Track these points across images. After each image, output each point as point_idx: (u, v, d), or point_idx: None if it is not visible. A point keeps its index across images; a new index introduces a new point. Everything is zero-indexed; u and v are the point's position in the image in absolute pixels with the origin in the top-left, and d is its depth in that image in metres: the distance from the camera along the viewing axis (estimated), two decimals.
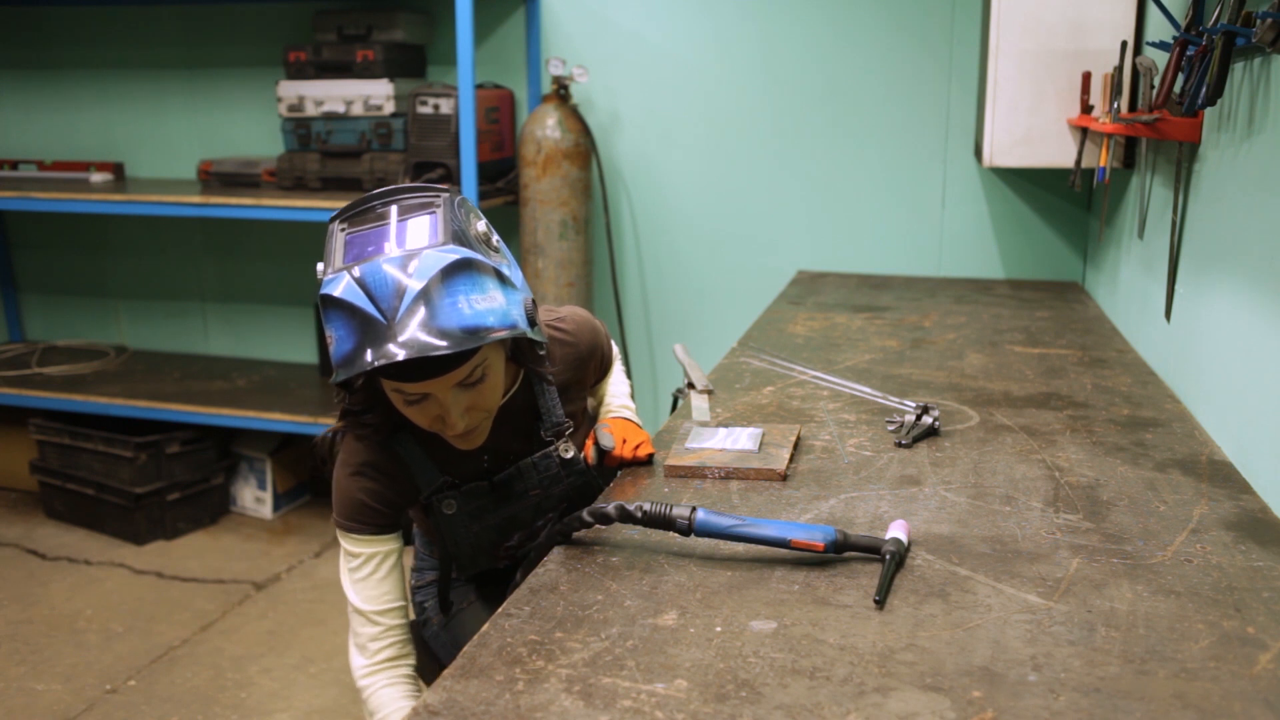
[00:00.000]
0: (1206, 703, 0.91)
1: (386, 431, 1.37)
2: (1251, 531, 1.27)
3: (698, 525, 1.20)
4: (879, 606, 1.08)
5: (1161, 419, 1.72)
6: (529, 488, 1.47)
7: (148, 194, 3.30)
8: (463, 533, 1.46)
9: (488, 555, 1.51)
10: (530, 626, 1.05)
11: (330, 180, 3.34)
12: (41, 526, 3.58)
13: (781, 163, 3.28)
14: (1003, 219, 3.15)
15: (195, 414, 3.36)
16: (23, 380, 3.63)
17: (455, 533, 1.46)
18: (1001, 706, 0.90)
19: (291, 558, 3.32)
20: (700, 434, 1.60)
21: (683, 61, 3.30)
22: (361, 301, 1.15)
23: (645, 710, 0.90)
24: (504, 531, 1.50)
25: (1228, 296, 1.61)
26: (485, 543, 1.49)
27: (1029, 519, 1.32)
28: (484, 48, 3.45)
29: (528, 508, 1.49)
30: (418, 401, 1.24)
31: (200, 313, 4.02)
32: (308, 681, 2.62)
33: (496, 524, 1.48)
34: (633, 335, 3.53)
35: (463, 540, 1.47)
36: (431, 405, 1.25)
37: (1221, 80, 1.53)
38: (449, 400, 1.24)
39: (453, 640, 1.62)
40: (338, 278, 1.17)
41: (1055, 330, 2.39)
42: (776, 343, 2.27)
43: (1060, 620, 1.05)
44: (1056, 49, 2.54)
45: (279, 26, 3.62)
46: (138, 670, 2.66)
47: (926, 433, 1.64)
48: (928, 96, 3.13)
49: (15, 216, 4.12)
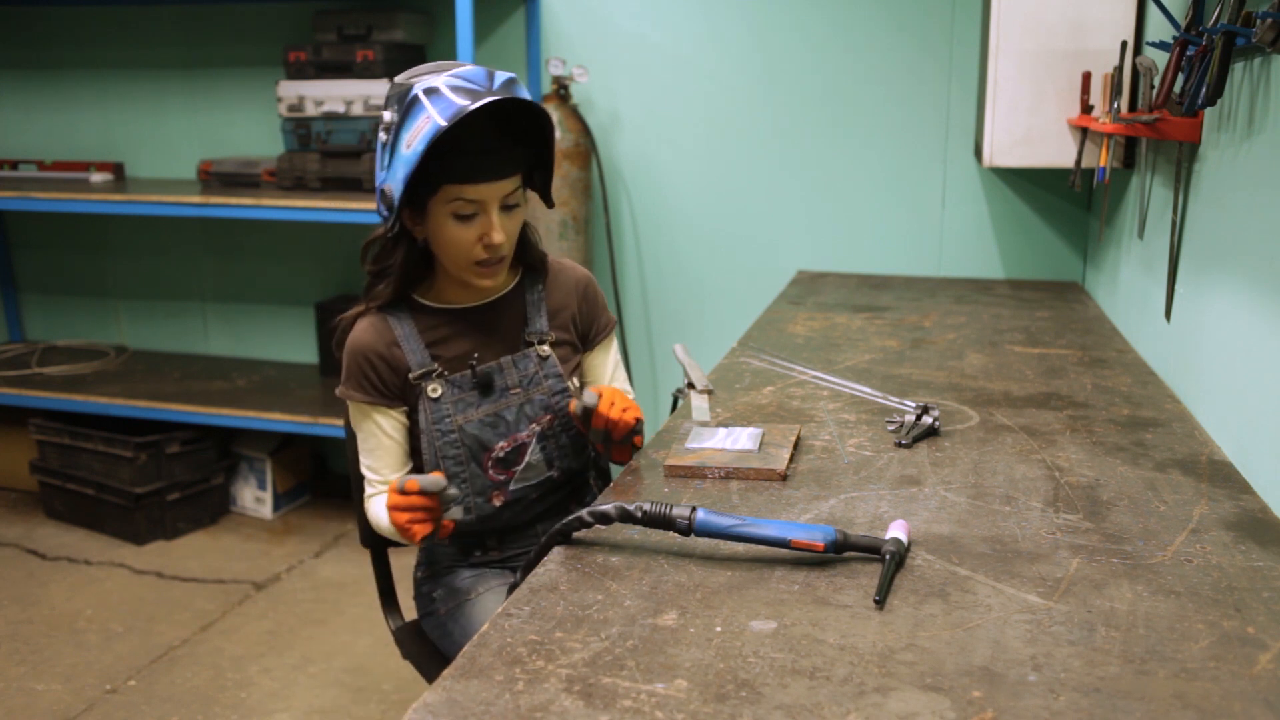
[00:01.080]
0: (1206, 703, 0.91)
1: (395, 297, 1.58)
2: (1251, 531, 1.27)
3: (698, 525, 1.20)
4: (879, 606, 1.08)
5: (1161, 419, 1.73)
6: (509, 385, 1.61)
7: (148, 194, 3.30)
8: (445, 426, 1.57)
9: (477, 465, 1.59)
10: (530, 626, 1.05)
11: (330, 180, 3.34)
12: (41, 526, 3.58)
13: (782, 163, 3.28)
14: (1003, 219, 3.15)
15: (195, 414, 3.36)
16: (23, 380, 3.63)
17: (439, 425, 1.57)
18: (1001, 706, 0.90)
19: (291, 558, 3.32)
20: (700, 434, 1.60)
21: (683, 61, 3.30)
22: (461, 83, 1.41)
23: (645, 710, 0.90)
24: (489, 432, 1.59)
25: (1228, 296, 1.61)
26: (469, 440, 1.58)
27: (1029, 519, 1.32)
28: (484, 48, 3.45)
29: (510, 408, 1.61)
30: (470, 217, 1.48)
31: (200, 313, 4.02)
32: (308, 681, 2.62)
33: (480, 420, 1.59)
34: (633, 335, 3.53)
35: (445, 438, 1.57)
36: (477, 224, 1.49)
37: (1221, 80, 1.53)
38: (495, 214, 1.49)
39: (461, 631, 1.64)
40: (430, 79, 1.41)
41: (1055, 330, 2.39)
42: (776, 343, 2.27)
43: (1060, 620, 1.05)
44: (1056, 49, 2.54)
45: (279, 26, 3.62)
46: (138, 670, 2.66)
47: (926, 433, 1.64)
48: (928, 96, 3.13)
49: (15, 216, 4.12)
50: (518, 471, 1.61)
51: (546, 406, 1.63)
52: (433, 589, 1.73)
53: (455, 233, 1.49)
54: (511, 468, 1.61)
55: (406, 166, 1.41)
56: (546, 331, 1.66)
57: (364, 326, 1.58)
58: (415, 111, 1.40)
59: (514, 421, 1.61)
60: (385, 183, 1.46)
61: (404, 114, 1.42)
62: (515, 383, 1.62)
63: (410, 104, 1.41)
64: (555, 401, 1.64)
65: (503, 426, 1.60)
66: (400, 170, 1.42)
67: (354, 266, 3.78)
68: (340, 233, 3.71)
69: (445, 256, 1.54)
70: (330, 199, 3.15)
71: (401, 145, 1.42)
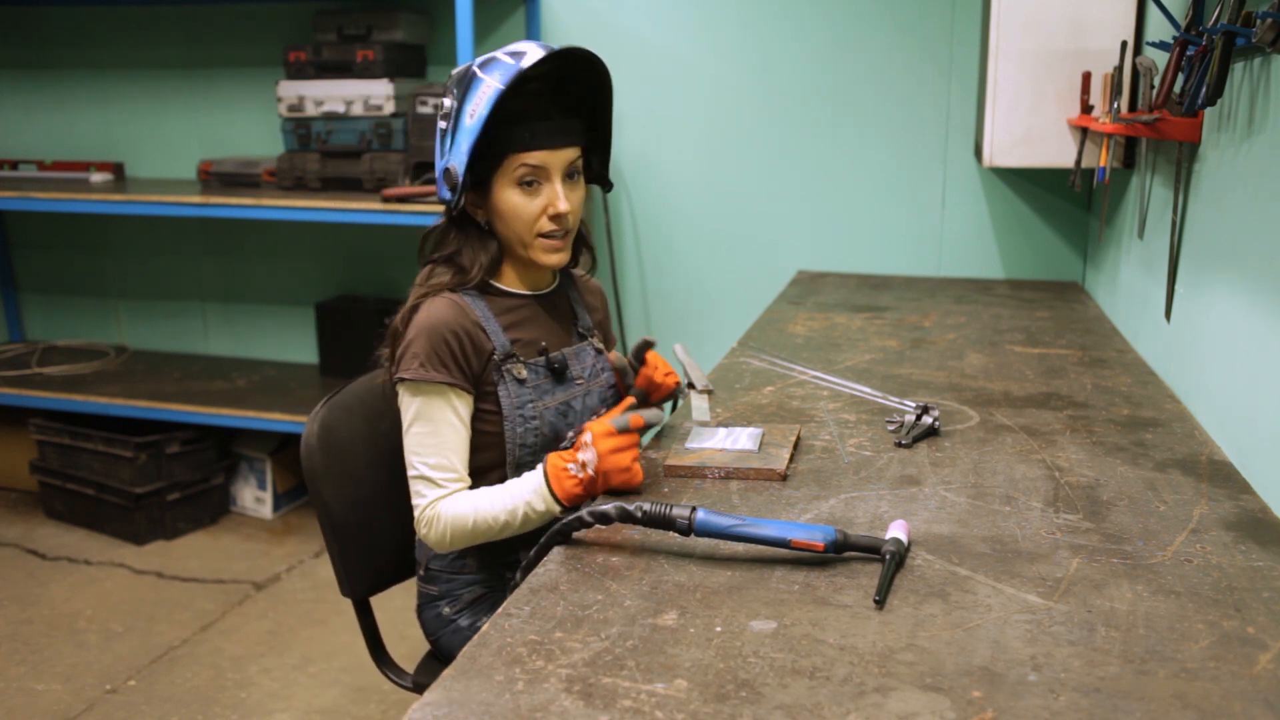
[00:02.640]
0: (1206, 703, 0.91)
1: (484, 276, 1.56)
2: (1251, 531, 1.27)
3: (698, 525, 1.20)
4: (879, 606, 1.08)
5: (1161, 419, 1.72)
6: (575, 375, 1.62)
7: (148, 194, 3.30)
8: (528, 412, 1.55)
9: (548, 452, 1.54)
10: (530, 626, 1.05)
11: (330, 180, 3.34)
12: (41, 526, 3.58)
13: (782, 162, 3.28)
14: (1003, 219, 3.15)
15: (195, 414, 3.36)
16: (23, 380, 3.63)
17: (523, 411, 1.54)
18: (1001, 706, 0.90)
19: (291, 558, 3.32)
20: (700, 434, 1.60)
21: (683, 61, 3.30)
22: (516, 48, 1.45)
23: (645, 710, 0.90)
24: (560, 420, 1.59)
25: (1228, 296, 1.61)
26: (546, 429, 1.57)
27: (1029, 519, 1.32)
28: (484, 48, 3.44)
29: (578, 396, 1.62)
30: (534, 186, 1.50)
31: (200, 313, 4.02)
32: (308, 681, 2.62)
33: (555, 408, 1.59)
34: (633, 335, 3.53)
35: (527, 424, 1.55)
36: (543, 194, 1.51)
37: (1221, 80, 1.53)
38: (559, 183, 1.51)
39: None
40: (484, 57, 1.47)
41: (1055, 330, 2.39)
42: (776, 343, 2.27)
43: (1060, 620, 1.05)
44: (1056, 49, 2.53)
45: (279, 26, 3.62)
46: (138, 670, 2.66)
47: (926, 433, 1.64)
48: (928, 96, 3.13)
49: (15, 216, 4.12)
50: None
51: (603, 399, 1.66)
52: (453, 609, 1.66)
53: (520, 204, 1.51)
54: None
55: (470, 137, 1.44)
56: (592, 326, 1.70)
57: (441, 305, 1.51)
58: (474, 85, 1.45)
59: (580, 412, 1.62)
60: (449, 163, 1.48)
61: (463, 92, 1.46)
62: (579, 373, 1.63)
63: (469, 81, 1.46)
64: (610, 395, 1.67)
65: (572, 416, 1.60)
66: (464, 142, 1.45)
67: (354, 266, 3.78)
68: (340, 233, 3.71)
69: (511, 230, 1.54)
70: (330, 199, 3.15)
71: (464, 118, 1.45)
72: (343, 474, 1.67)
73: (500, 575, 1.65)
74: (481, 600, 1.65)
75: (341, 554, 1.67)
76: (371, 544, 1.71)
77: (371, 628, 1.76)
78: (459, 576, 1.65)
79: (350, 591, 1.70)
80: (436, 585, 1.67)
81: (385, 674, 1.75)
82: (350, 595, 1.71)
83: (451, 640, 1.65)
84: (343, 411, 1.71)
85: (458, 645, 1.58)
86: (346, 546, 1.67)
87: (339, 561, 1.67)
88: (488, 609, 1.63)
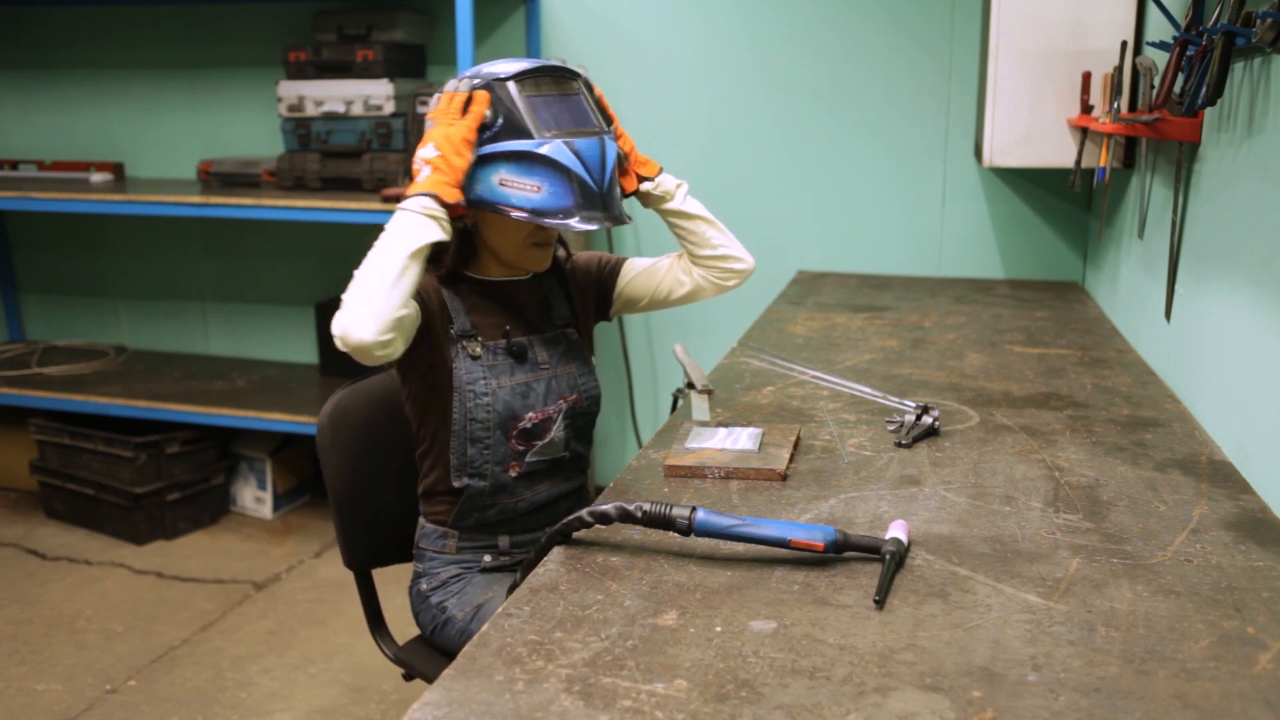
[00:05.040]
0: (1206, 703, 0.91)
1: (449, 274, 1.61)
2: (1251, 531, 1.27)
3: (698, 525, 1.20)
4: (879, 606, 1.08)
5: (1161, 419, 1.73)
6: (539, 361, 1.65)
7: (148, 194, 3.30)
8: (480, 389, 1.58)
9: (502, 433, 1.60)
10: (530, 626, 1.05)
11: (330, 180, 3.34)
12: (41, 526, 3.58)
13: (782, 162, 3.28)
14: (1003, 219, 3.15)
15: (195, 414, 3.36)
16: (23, 380, 3.63)
17: (474, 386, 1.57)
18: (1001, 706, 0.90)
19: (291, 558, 3.32)
20: (700, 434, 1.60)
21: (683, 61, 3.30)
22: (580, 170, 1.49)
23: (645, 710, 0.90)
24: (518, 401, 1.60)
25: (1228, 296, 1.61)
26: (500, 406, 1.59)
27: (1029, 519, 1.32)
28: (484, 48, 3.45)
29: (540, 381, 1.63)
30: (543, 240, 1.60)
31: (200, 313, 4.02)
32: (308, 681, 2.62)
33: (511, 388, 1.60)
34: (633, 335, 3.53)
35: (478, 399, 1.57)
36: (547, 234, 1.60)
37: (1221, 80, 1.53)
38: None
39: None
40: (552, 142, 1.48)
41: (1055, 330, 2.39)
42: (776, 343, 2.27)
43: (1060, 620, 1.05)
44: (1056, 49, 2.54)
45: (279, 26, 3.62)
46: (138, 670, 2.66)
47: (926, 433, 1.64)
48: (928, 96, 3.13)
49: (15, 216, 4.12)
50: (538, 445, 1.63)
51: (573, 386, 1.68)
52: (444, 599, 1.69)
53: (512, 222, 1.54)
54: (533, 441, 1.63)
55: (541, 207, 1.49)
56: (569, 318, 1.73)
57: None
58: (531, 167, 1.49)
59: (544, 394, 1.64)
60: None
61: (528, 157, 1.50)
62: (545, 360, 1.66)
63: (532, 157, 1.50)
64: (581, 382, 1.69)
65: (533, 397, 1.63)
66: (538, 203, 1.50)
67: (354, 266, 3.76)
68: (340, 233, 3.71)
69: (501, 237, 1.59)
70: (330, 199, 3.15)
71: (528, 181, 1.50)
72: (349, 453, 1.78)
73: (479, 558, 1.69)
74: (455, 580, 1.69)
75: (344, 526, 1.78)
76: (372, 519, 1.81)
77: (371, 600, 1.84)
78: (439, 555, 1.70)
79: (350, 562, 1.80)
80: (421, 563, 1.73)
81: (377, 643, 1.83)
82: (350, 566, 1.81)
83: (424, 616, 1.72)
84: (361, 395, 1.83)
85: (427, 622, 1.71)
86: (348, 519, 1.78)
87: (341, 534, 1.78)
88: (458, 590, 1.68)
